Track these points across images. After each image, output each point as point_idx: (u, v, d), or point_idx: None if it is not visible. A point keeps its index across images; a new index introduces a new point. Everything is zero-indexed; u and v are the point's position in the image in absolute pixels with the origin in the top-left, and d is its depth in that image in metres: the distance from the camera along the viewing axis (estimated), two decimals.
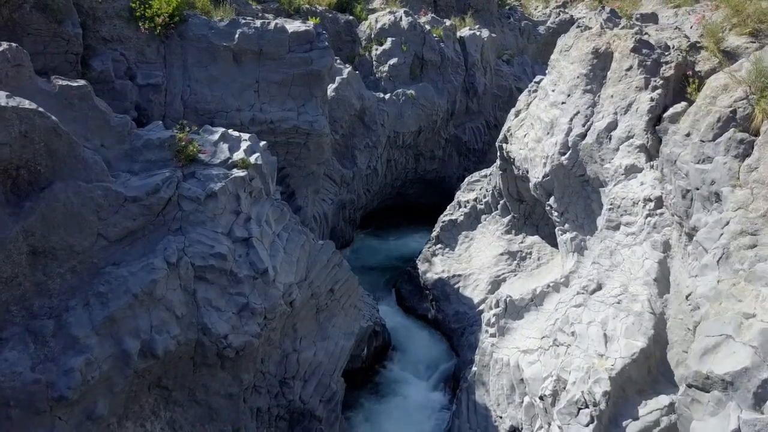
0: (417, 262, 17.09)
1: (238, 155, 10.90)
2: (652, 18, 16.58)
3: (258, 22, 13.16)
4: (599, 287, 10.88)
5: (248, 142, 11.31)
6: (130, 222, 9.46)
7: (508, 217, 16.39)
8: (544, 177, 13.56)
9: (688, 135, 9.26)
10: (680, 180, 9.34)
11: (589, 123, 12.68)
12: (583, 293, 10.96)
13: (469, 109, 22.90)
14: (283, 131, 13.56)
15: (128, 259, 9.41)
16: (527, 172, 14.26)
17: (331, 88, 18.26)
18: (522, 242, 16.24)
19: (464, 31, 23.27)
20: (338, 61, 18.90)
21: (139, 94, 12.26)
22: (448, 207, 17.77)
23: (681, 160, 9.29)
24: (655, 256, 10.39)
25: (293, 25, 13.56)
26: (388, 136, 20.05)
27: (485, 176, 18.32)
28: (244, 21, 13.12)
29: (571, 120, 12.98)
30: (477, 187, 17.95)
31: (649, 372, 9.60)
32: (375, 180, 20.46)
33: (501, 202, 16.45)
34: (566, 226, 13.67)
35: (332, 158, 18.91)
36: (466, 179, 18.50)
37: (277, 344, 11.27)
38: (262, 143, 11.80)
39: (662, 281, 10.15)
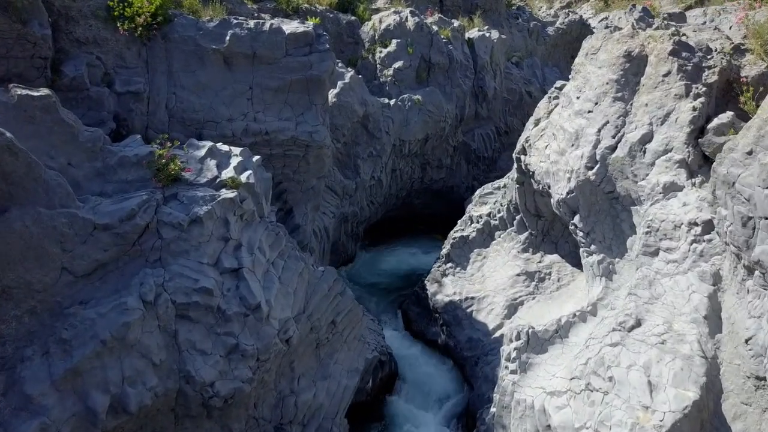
0: (426, 282, 15.78)
1: (228, 173, 9.60)
2: (680, 18, 15.29)
3: (251, 23, 11.87)
4: (638, 323, 9.56)
5: (239, 158, 10.01)
6: (101, 253, 8.16)
7: (525, 234, 15.08)
8: (568, 193, 12.26)
9: (750, 153, 7.95)
10: (740, 205, 8.03)
11: (619, 134, 11.39)
12: (619, 330, 9.64)
13: (478, 115, 21.60)
14: (279, 143, 12.26)
15: (98, 296, 8.11)
16: (549, 187, 12.95)
17: (332, 94, 16.96)
18: (540, 261, 14.94)
19: (473, 32, 21.98)
20: (340, 64, 17.60)
21: (118, 103, 10.97)
22: (458, 222, 16.45)
23: (742, 182, 7.98)
24: (704, 290, 9.08)
25: (290, 26, 12.26)
26: (393, 145, 18.76)
27: (498, 188, 17.01)
28: (236, 21, 11.82)
29: (600, 131, 11.68)
30: (490, 200, 16.64)
31: (702, 427, 8.29)
32: (379, 191, 19.16)
33: (517, 217, 15.15)
34: (592, 247, 12.37)
35: (334, 169, 17.62)
36: (478, 192, 17.18)
37: (272, 386, 9.96)
38: (255, 158, 10.50)
39: (713, 319, 8.85)
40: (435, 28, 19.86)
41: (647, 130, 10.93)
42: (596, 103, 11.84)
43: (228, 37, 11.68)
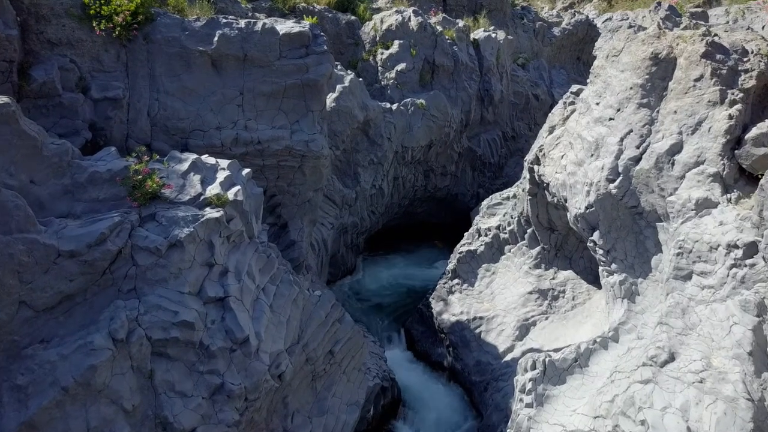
0: (430, 300, 14.77)
1: (213, 189, 8.59)
2: (702, 17, 14.30)
3: (242, 22, 10.87)
4: (672, 358, 8.56)
5: (227, 172, 9.01)
6: (65, 284, 7.17)
7: (537, 249, 14.08)
8: (587, 208, 11.26)
9: None
10: None
11: (645, 144, 10.40)
12: (650, 365, 8.64)
13: (484, 119, 20.61)
14: (273, 153, 11.27)
15: (62, 333, 7.12)
16: (565, 200, 11.96)
17: (330, 98, 15.98)
18: (553, 278, 13.94)
19: (478, 33, 20.98)
20: (339, 67, 16.62)
21: (95, 111, 9.98)
22: (465, 235, 15.45)
23: None
24: (747, 321, 8.08)
25: (285, 26, 11.27)
26: (395, 152, 17.76)
27: (507, 198, 16.02)
28: (225, 20, 10.83)
29: (622, 140, 10.69)
30: (499, 211, 15.64)
31: None
32: (380, 200, 18.16)
33: (528, 230, 14.15)
34: (613, 266, 11.37)
35: (332, 177, 16.64)
36: (485, 202, 16.19)
37: (263, 425, 8.95)
38: (245, 171, 9.51)
39: (759, 355, 7.85)
40: (439, 28, 18.87)
41: (676, 140, 9.94)
42: (618, 110, 10.84)
43: (216, 38, 10.69)
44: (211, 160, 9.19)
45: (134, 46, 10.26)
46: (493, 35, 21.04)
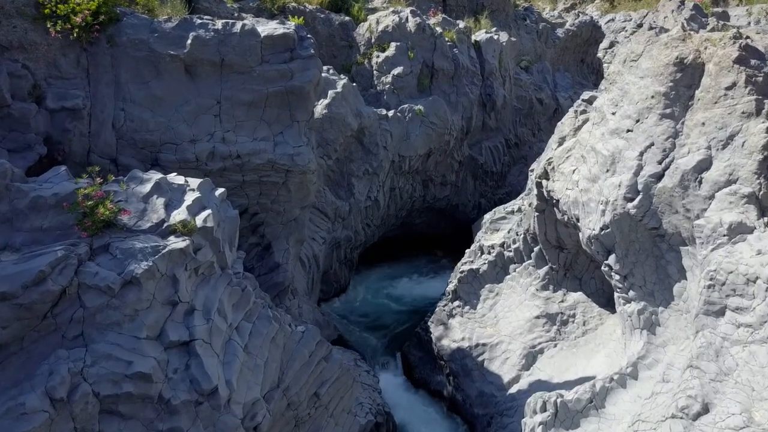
0: (429, 324, 13.66)
1: (179, 215, 7.48)
2: (724, 17, 13.21)
3: (219, 23, 9.78)
4: (705, 409, 7.47)
5: (196, 193, 7.90)
6: None
7: (545, 269, 12.98)
8: (602, 229, 10.17)
9: None
10: None
11: (668, 159, 9.33)
12: (681, 417, 7.54)
13: (486, 126, 19.51)
14: (254, 168, 10.17)
15: None
16: (577, 220, 10.86)
17: (322, 105, 14.90)
18: (562, 301, 12.85)
19: (480, 35, 19.90)
20: (331, 71, 15.53)
21: (51, 123, 8.89)
22: (466, 252, 14.34)
23: None
24: None
25: (267, 27, 10.17)
26: (391, 161, 16.67)
27: (512, 212, 14.92)
28: (200, 21, 9.73)
29: (642, 154, 9.61)
30: (503, 226, 14.54)
31: None
32: (376, 213, 17.07)
33: (535, 249, 13.05)
34: (631, 293, 10.27)
35: (324, 189, 15.55)
36: (488, 216, 15.09)
37: None
38: (219, 192, 8.40)
39: None
40: (438, 29, 17.78)
41: (704, 156, 8.85)
42: (638, 121, 9.75)
43: (189, 41, 9.59)
44: (179, 180, 8.08)
45: (96, 50, 9.16)
46: (496, 37, 19.95)
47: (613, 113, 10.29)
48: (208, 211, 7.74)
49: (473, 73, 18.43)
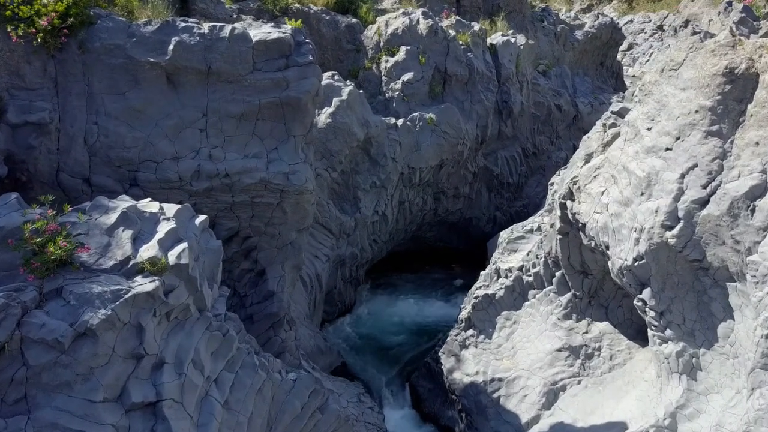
0: (440, 354, 12.53)
1: (148, 250, 6.43)
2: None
3: (205, 26, 8.72)
4: None
5: (171, 223, 6.85)
6: None
7: (568, 296, 11.81)
8: (636, 260, 9.01)
9: None
10: None
11: (714, 183, 8.16)
12: None
13: (502, 134, 18.34)
14: (244, 188, 9.11)
15: None
16: (606, 247, 9.70)
17: (326, 114, 13.86)
18: (587, 332, 11.67)
19: (496, 38, 18.73)
20: (336, 77, 14.47)
21: (13, 139, 7.89)
22: (481, 275, 13.21)
23: None
24: None
25: (260, 31, 9.11)
26: (400, 173, 15.56)
27: (530, 231, 13.78)
28: (184, 24, 8.68)
29: (684, 177, 8.45)
30: (521, 247, 13.38)
31: None
32: (384, 228, 15.97)
33: (557, 274, 11.88)
34: (668, 332, 9.10)
35: (328, 203, 14.50)
36: (504, 235, 13.94)
37: None
38: (200, 219, 7.35)
39: None
40: (452, 32, 16.64)
41: (758, 181, 7.68)
42: (678, 138, 8.57)
43: (172, 46, 8.54)
44: (152, 207, 7.03)
45: (66, 57, 8.14)
46: (513, 40, 18.77)
47: (649, 129, 9.11)
48: (183, 245, 6.68)
49: (489, 79, 17.27)
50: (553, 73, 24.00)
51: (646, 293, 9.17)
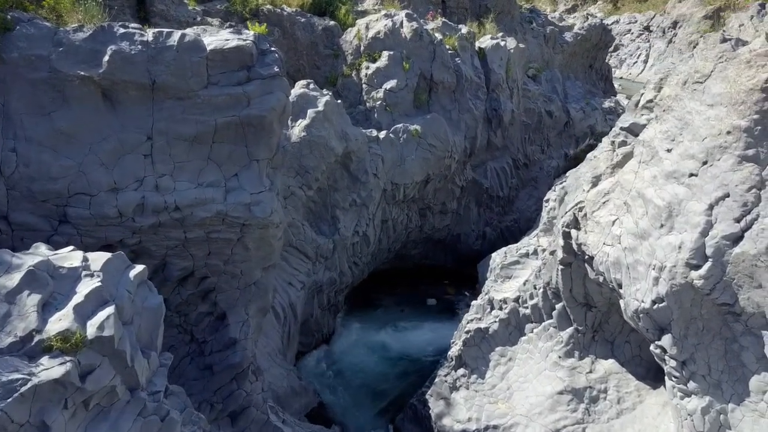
0: (428, 397, 11.25)
1: (60, 321, 5.06)
2: None
3: (149, 33, 7.35)
4: None
5: (95, 281, 5.48)
6: None
7: (569, 331, 10.59)
8: (655, 302, 7.79)
9: None
10: None
11: (750, 217, 6.98)
12: None
13: (491, 145, 17.12)
14: (199, 222, 7.75)
15: None
16: (619, 285, 8.46)
17: (300, 127, 12.54)
18: (591, 372, 10.45)
19: (484, 41, 17.50)
20: (312, 85, 13.14)
21: None
22: (472, 306, 11.93)
23: None
24: None
25: (216, 38, 7.75)
26: (383, 190, 14.27)
27: (526, 255, 12.53)
28: (123, 31, 7.29)
29: (712, 208, 7.24)
30: (516, 273, 12.15)
31: None
32: (365, 249, 14.67)
33: (558, 306, 10.65)
34: (691, 385, 7.90)
35: (304, 224, 13.17)
36: (498, 258, 12.71)
37: None
38: (135, 271, 5.99)
39: None
40: (438, 36, 15.37)
41: None
42: (705, 163, 7.36)
43: (107, 57, 7.16)
44: (73, 259, 5.65)
45: None
46: (502, 43, 17.55)
47: (669, 150, 7.90)
48: (108, 310, 5.32)
49: (477, 86, 16.04)
50: (543, 78, 22.85)
51: (666, 340, 7.95)
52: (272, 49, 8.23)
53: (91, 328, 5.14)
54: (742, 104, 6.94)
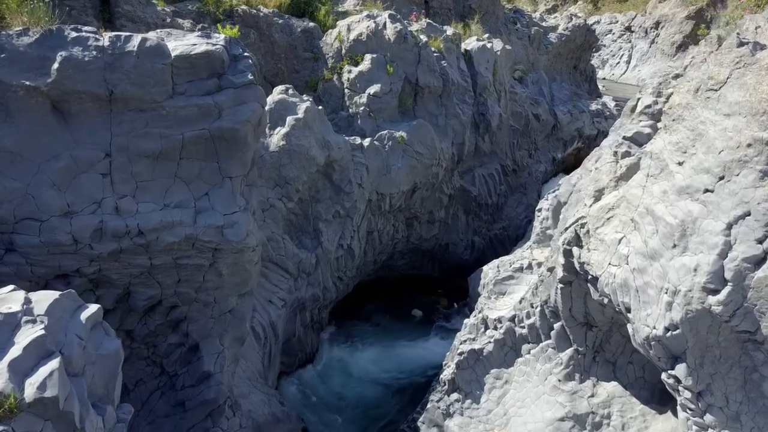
0: (419, 424, 10.54)
1: None
2: None
3: (105, 37, 6.54)
4: None
5: (38, 329, 4.70)
6: None
7: (569, 352, 9.94)
8: (668, 329, 7.14)
9: None
10: None
11: None
12: None
13: (479, 151, 16.47)
14: (166, 248, 6.95)
15: None
16: (627, 309, 7.81)
17: (279, 135, 11.78)
18: (592, 396, 9.82)
19: (470, 43, 16.85)
20: (291, 91, 12.37)
21: None
22: (465, 325, 11.25)
23: None
24: None
25: (183, 43, 6.96)
26: (368, 200, 13.54)
27: (520, 269, 11.89)
28: (75, 35, 6.48)
29: (731, 227, 6.61)
30: (510, 288, 11.50)
31: None
32: (349, 263, 13.92)
33: (556, 326, 10.00)
34: (708, 418, 7.27)
35: (284, 238, 12.39)
36: (490, 273, 12.02)
37: None
38: (88, 313, 5.19)
39: None
40: (423, 38, 14.68)
41: None
42: (722, 178, 6.73)
43: (57, 65, 6.34)
44: (12, 302, 4.85)
45: None
46: (489, 45, 16.92)
47: (680, 164, 7.27)
48: (52, 364, 4.53)
49: (464, 90, 15.37)
50: (529, 80, 22.31)
51: (680, 369, 7.32)
52: (245, 54, 7.46)
53: (30, 389, 4.34)
54: (763, 114, 6.33)
